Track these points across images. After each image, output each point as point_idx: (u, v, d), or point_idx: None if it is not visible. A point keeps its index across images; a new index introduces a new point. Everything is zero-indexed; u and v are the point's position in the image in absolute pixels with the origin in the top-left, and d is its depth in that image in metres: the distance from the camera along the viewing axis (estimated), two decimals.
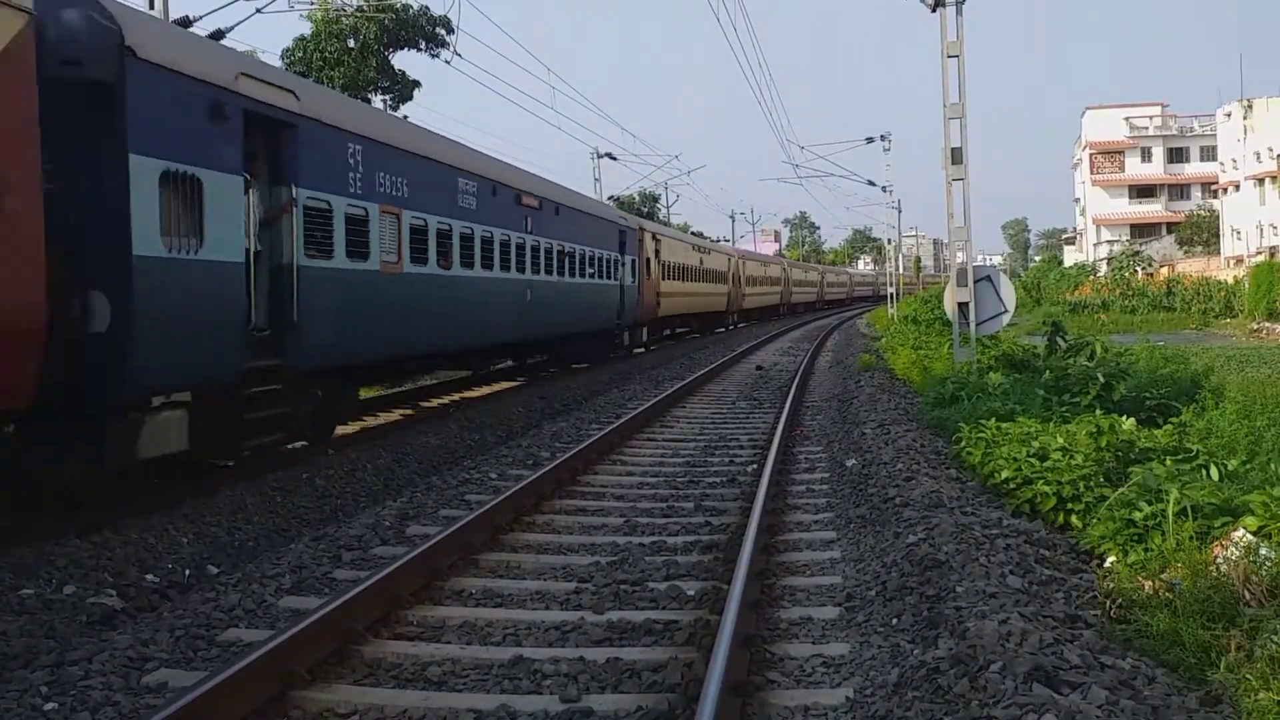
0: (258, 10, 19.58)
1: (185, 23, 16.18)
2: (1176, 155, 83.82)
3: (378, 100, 29.80)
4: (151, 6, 15.66)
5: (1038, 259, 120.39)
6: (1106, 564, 6.61)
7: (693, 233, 59.62)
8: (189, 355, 9.01)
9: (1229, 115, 67.48)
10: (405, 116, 28.36)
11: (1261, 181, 61.67)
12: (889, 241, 73.71)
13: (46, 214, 7.38)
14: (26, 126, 7.30)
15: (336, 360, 11.93)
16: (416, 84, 31.17)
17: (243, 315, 9.80)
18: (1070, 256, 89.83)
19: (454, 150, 16.33)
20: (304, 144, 10.83)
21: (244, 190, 9.81)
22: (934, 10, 16.09)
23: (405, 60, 41.21)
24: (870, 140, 53.78)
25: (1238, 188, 65.69)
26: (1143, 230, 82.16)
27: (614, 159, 51.02)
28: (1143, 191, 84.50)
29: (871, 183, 60.54)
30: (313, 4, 26.12)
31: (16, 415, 7.76)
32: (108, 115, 8.12)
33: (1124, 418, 9.36)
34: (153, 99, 8.51)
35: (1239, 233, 64.43)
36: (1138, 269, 61.90)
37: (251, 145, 9.99)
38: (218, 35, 16.75)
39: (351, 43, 29.07)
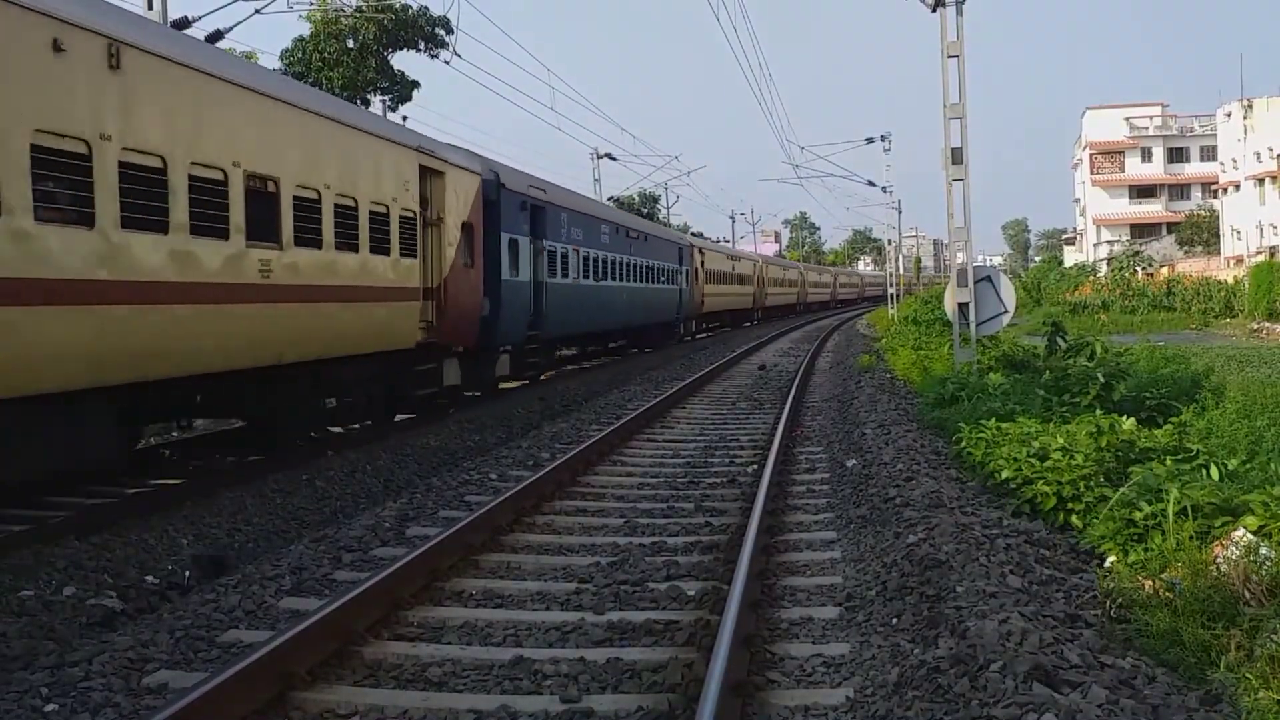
0: (257, 11, 19.61)
1: (184, 24, 16.17)
2: (1176, 155, 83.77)
3: (376, 101, 29.78)
4: (150, 8, 15.63)
5: (1038, 259, 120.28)
6: (1106, 564, 6.60)
7: (693, 234, 59.82)
8: (513, 328, 18.48)
9: (1229, 115, 67.44)
10: (404, 118, 28.37)
11: (1261, 181, 61.66)
12: (889, 242, 73.60)
13: None
14: (480, 227, 16.61)
15: (556, 333, 21.79)
16: (416, 84, 31.20)
17: (529, 308, 19.48)
18: (1070, 257, 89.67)
19: (595, 205, 28.44)
20: (547, 218, 20.50)
21: (529, 244, 19.39)
22: (934, 10, 16.07)
23: (404, 60, 41.15)
24: (870, 140, 53.90)
25: (1238, 188, 65.66)
26: (1143, 230, 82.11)
27: (614, 159, 51.15)
28: (1143, 192, 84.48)
29: (871, 183, 60.62)
30: (311, 4, 26.12)
31: (468, 352, 16.41)
32: (494, 215, 17.33)
33: (1124, 418, 9.34)
34: (507, 205, 18.03)
35: (1239, 233, 64.41)
36: (1138, 269, 61.72)
37: (529, 220, 19.39)
38: (216, 36, 16.74)
39: (350, 43, 29.05)
